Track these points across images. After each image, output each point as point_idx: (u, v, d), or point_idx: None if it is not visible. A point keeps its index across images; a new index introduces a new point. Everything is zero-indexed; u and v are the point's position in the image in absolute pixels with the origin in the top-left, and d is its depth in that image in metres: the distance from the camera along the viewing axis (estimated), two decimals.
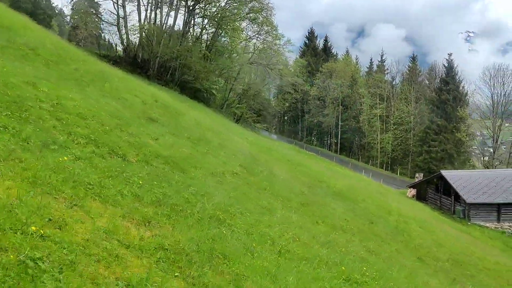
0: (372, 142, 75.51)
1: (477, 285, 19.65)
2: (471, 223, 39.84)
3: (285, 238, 10.71)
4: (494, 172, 45.73)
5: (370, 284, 9.72)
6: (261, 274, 7.57)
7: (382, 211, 25.19)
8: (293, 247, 10.07)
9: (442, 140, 62.20)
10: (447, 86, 63.76)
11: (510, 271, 26.32)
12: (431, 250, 21.53)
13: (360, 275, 10.06)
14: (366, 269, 11.14)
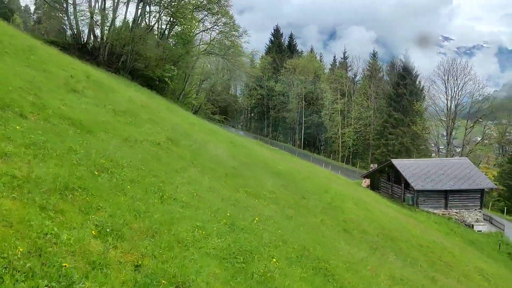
0: (333, 136, 76.54)
1: (403, 256, 20.19)
2: (419, 210, 40.84)
3: (180, 191, 10.65)
4: (442, 161, 47.04)
5: (255, 231, 9.83)
6: (124, 209, 7.55)
7: (320, 190, 25.55)
8: (181, 197, 10.04)
9: (399, 133, 63.65)
10: (404, 80, 65.30)
11: (445, 250, 27.17)
12: (362, 224, 21.98)
13: (247, 223, 10.17)
14: (262, 221, 11.29)
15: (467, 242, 35.78)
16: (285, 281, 7.57)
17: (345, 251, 13.64)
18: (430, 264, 21.09)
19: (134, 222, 7.36)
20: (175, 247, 7.11)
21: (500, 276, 28.02)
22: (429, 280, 16.87)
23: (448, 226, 38.34)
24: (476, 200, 42.42)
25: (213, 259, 7.37)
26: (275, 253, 8.94)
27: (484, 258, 32.24)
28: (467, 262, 26.89)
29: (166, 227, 7.64)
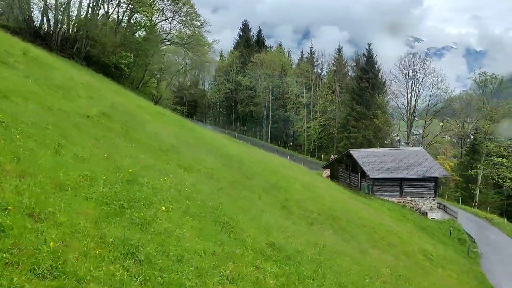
0: (299, 130, 77.09)
1: (342, 233, 20.46)
2: (374, 198, 41.50)
3: (87, 151, 10.36)
4: (398, 150, 47.96)
5: (158, 188, 9.70)
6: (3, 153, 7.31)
7: (267, 173, 25.66)
8: (84, 154, 9.79)
9: (361, 126, 64.58)
10: (366, 74, 66.28)
11: (390, 231, 27.71)
12: (304, 204, 22.14)
13: (153, 181, 10.01)
14: (175, 183, 11.16)
15: (419, 228, 36.59)
16: (167, 225, 7.47)
17: (269, 219, 13.67)
18: (370, 242, 21.44)
19: (8, 164, 7.12)
20: (48, 189, 6.91)
21: (445, 258, 28.80)
22: (358, 252, 17.13)
23: (401, 213, 39.12)
24: (430, 189, 43.43)
25: (92, 202, 7.19)
26: (172, 205, 8.82)
27: (433, 242, 33.05)
28: (413, 243, 27.51)
29: (45, 172, 7.40)
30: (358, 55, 72.97)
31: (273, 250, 9.39)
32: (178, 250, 6.71)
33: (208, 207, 10.31)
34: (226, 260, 7.38)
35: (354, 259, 14.49)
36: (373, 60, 67.76)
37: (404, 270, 17.38)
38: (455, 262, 29.89)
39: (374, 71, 67.01)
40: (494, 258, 36.76)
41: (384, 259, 18.19)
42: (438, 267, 24.88)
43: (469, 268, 30.92)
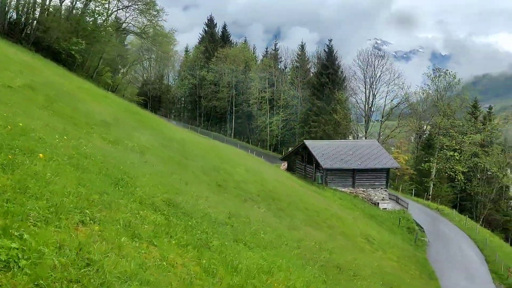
0: (261, 125, 77.32)
1: (280, 213, 20.53)
2: (327, 188, 41.97)
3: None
4: (352, 142, 48.73)
5: (55, 145, 9.42)
6: None
7: (210, 155, 25.54)
8: None
9: (321, 121, 65.27)
10: (327, 70, 67.10)
11: (334, 216, 28.07)
12: (245, 185, 22.13)
13: (38, 135, 9.60)
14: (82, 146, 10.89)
15: (367, 216, 37.22)
16: (38, 169, 7.22)
17: (185, 188, 13.52)
18: (307, 222, 21.63)
19: None
20: None
21: (388, 243, 29.36)
22: (287, 227, 17.22)
23: (352, 202, 39.74)
24: (382, 180, 44.33)
25: None
26: (59, 158, 8.54)
27: (379, 229, 33.68)
28: (355, 228, 27.94)
29: None
30: (320, 51, 73.83)
31: (168, 206, 9.26)
32: (40, 189, 6.49)
33: (108, 166, 10.07)
34: (100, 205, 7.18)
35: (276, 229, 14.56)
36: (334, 57, 68.69)
37: (332, 245, 17.59)
38: (398, 247, 30.55)
39: (334, 67, 67.89)
40: (440, 246, 37.84)
41: (316, 235, 18.36)
42: (378, 250, 25.37)
43: (413, 254, 31.66)
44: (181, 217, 8.87)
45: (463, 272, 32.77)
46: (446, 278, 29.86)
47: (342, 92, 65.12)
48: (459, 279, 31.33)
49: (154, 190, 9.93)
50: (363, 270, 14.86)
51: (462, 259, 35.42)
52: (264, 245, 10.35)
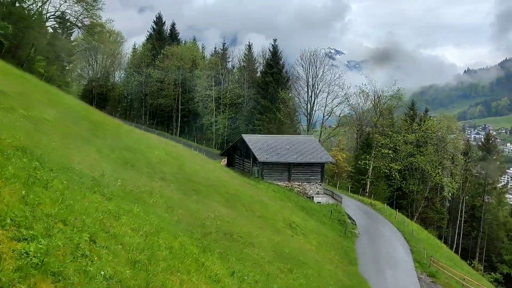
0: (206, 123, 76.87)
1: (193, 192, 20.23)
2: (263, 181, 42.08)
3: None
4: (289, 137, 49.22)
5: None
6: None
7: (128, 138, 24.90)
8: None
9: (265, 119, 65.67)
10: (271, 69, 67.74)
11: (256, 201, 28.09)
12: (160, 166, 21.68)
13: None
14: None
15: (299, 207, 37.58)
16: None
17: (75, 157, 13.01)
18: (224, 204, 21.45)
19: None
20: None
21: (312, 230, 29.72)
22: (195, 202, 17.00)
23: (286, 194, 40.04)
24: (317, 174, 45.02)
25: None
26: None
27: (307, 218, 34.06)
28: (279, 214, 28.09)
29: None
30: (265, 51, 74.40)
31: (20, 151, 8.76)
32: None
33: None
34: None
35: (171, 198, 14.29)
36: (278, 56, 69.46)
37: (238, 220, 17.51)
38: (323, 235, 31.00)
39: (278, 67, 68.62)
40: (369, 237, 38.85)
41: (223, 212, 18.23)
42: (299, 235, 25.60)
43: (339, 242, 32.23)
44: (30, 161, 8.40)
45: (387, 261, 33.75)
46: (367, 265, 30.68)
47: (285, 91, 65.83)
48: (384, 266, 32.26)
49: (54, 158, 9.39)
50: (258, 240, 14.83)
51: (388, 249, 36.51)
52: (132, 199, 10.04)
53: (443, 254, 41.13)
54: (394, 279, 29.90)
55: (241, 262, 11.43)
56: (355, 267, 27.55)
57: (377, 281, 29.07)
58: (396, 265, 33.14)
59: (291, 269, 14.81)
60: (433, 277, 31.41)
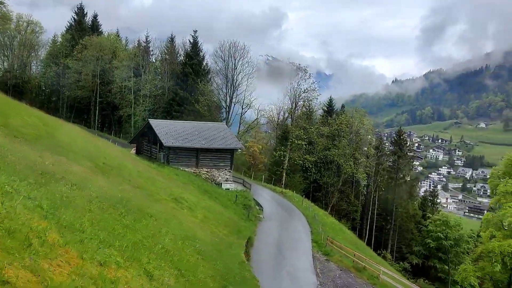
0: (125, 115, 74.33)
1: (53, 151, 18.83)
2: (169, 166, 40.94)
3: None
4: (199, 124, 48.51)
5: None
6: None
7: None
8: None
9: (184, 111, 64.52)
10: (191, 60, 66.81)
11: (145, 178, 27.04)
12: (24, 129, 20.06)
13: None
14: None
15: (202, 191, 36.82)
16: None
17: None
18: (93, 170, 20.21)
19: None
20: None
21: (204, 207, 28.96)
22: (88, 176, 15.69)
23: (190, 178, 39.17)
24: (227, 161, 44.61)
25: None
26: None
27: (206, 200, 33.36)
28: (168, 190, 27.17)
29: None
30: (185, 42, 73.29)
31: None
32: None
33: None
34: None
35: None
36: (198, 48, 68.70)
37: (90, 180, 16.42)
38: (218, 214, 30.39)
39: (198, 58, 67.86)
40: (273, 221, 39.01)
41: (74, 169, 17.04)
42: (183, 209, 24.80)
43: (236, 223, 31.80)
44: None
45: (287, 241, 33.97)
46: (264, 245, 30.68)
47: (206, 83, 65.09)
48: (282, 247, 32.36)
49: None
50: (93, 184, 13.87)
51: (290, 232, 36.81)
52: None
53: (346, 238, 42.11)
54: (289, 258, 30.01)
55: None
56: (241, 241, 27.18)
57: (271, 259, 29.05)
58: (294, 245, 33.38)
59: (138, 220, 14.00)
60: (327, 255, 31.90)
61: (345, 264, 30.81)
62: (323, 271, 29.15)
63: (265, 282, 22.71)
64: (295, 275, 26.94)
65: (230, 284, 15.51)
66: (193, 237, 17.47)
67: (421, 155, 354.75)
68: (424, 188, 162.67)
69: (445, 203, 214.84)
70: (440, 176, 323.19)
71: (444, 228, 66.65)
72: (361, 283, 27.97)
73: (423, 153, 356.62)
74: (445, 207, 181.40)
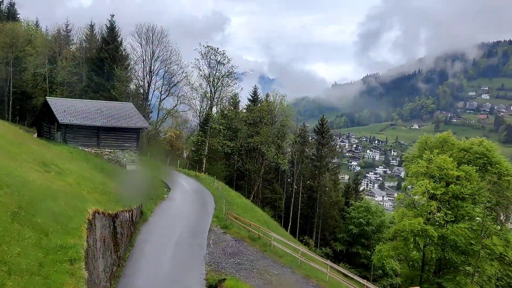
0: (38, 104, 69.81)
1: None
2: (67, 146, 38.22)
3: None
4: (104, 103, 46.17)
5: None
6: None
7: None
8: None
9: (99, 97, 61.27)
10: (107, 45, 63.82)
11: (20, 148, 24.66)
12: None
13: None
14: None
15: (98, 169, 34.42)
16: None
17: None
18: None
19: None
20: None
21: (81, 175, 26.59)
22: None
23: (86, 157, 36.68)
24: (133, 141, 42.54)
25: None
26: None
27: (93, 173, 31.11)
28: (36, 154, 24.83)
29: None
30: (102, 26, 70.01)
31: None
32: None
33: None
34: None
35: None
36: (116, 33, 65.75)
37: None
38: (98, 183, 28.05)
39: (115, 43, 64.94)
40: (177, 200, 37.63)
41: None
42: (50, 172, 22.54)
43: (123, 196, 29.81)
44: None
45: (184, 217, 32.72)
46: (158, 221, 29.31)
47: (122, 69, 62.32)
48: (176, 221, 31.05)
49: None
50: None
51: (191, 209, 35.50)
52: None
53: (256, 216, 41.23)
54: (184, 233, 28.71)
55: None
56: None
57: (162, 234, 27.58)
58: (191, 220, 32.10)
59: None
60: (226, 228, 30.88)
61: (241, 235, 29.89)
62: (216, 242, 28.02)
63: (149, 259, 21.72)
64: (183, 249, 25.62)
65: None
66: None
67: (359, 155, 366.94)
68: (362, 187, 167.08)
69: (381, 201, 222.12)
70: (377, 175, 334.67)
71: (366, 214, 68.16)
72: (252, 250, 27.12)
73: (361, 154, 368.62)
74: (381, 204, 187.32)
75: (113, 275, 19.85)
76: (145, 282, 20.12)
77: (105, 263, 17.67)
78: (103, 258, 17.41)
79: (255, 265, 24.21)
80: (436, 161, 45.80)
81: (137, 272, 21.04)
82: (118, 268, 21.19)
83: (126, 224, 24.77)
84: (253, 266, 23.98)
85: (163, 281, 20.51)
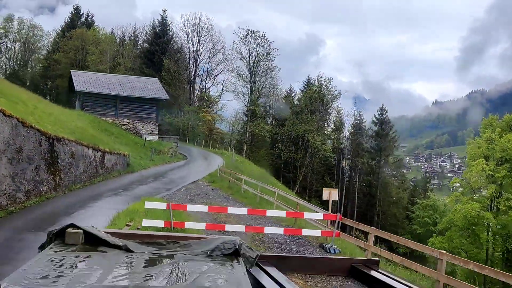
0: None
1: None
2: (84, 112, 38.78)
3: None
4: (125, 76, 46.45)
5: None
6: None
7: None
8: None
9: None
10: (158, 39, 65.79)
11: None
12: None
13: None
14: None
15: (100, 130, 34.01)
16: None
17: None
18: None
19: None
20: None
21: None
22: None
23: (99, 125, 35.79)
24: (152, 112, 42.05)
25: None
26: None
27: (92, 130, 30.62)
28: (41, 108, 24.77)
29: None
30: (154, 22, 72.27)
31: None
32: None
33: None
34: None
35: None
36: (167, 27, 67.75)
37: None
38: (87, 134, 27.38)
39: (167, 37, 66.75)
40: (184, 165, 36.03)
41: None
42: None
43: None
44: None
45: (181, 177, 30.96)
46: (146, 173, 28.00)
47: (170, 61, 63.48)
48: (169, 179, 29.49)
49: None
50: None
51: (191, 171, 33.63)
52: None
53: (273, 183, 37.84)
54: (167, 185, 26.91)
55: None
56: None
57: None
58: (177, 177, 30.18)
59: None
60: (212, 182, 28.66)
61: (221, 185, 27.51)
62: (189, 189, 25.75)
63: None
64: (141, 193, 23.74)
65: None
66: None
67: (463, 177, 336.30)
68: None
69: None
70: None
71: (432, 213, 60.92)
72: (220, 193, 24.90)
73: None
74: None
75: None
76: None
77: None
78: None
79: (208, 201, 21.48)
80: (499, 141, 39.93)
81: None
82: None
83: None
84: (205, 202, 21.24)
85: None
